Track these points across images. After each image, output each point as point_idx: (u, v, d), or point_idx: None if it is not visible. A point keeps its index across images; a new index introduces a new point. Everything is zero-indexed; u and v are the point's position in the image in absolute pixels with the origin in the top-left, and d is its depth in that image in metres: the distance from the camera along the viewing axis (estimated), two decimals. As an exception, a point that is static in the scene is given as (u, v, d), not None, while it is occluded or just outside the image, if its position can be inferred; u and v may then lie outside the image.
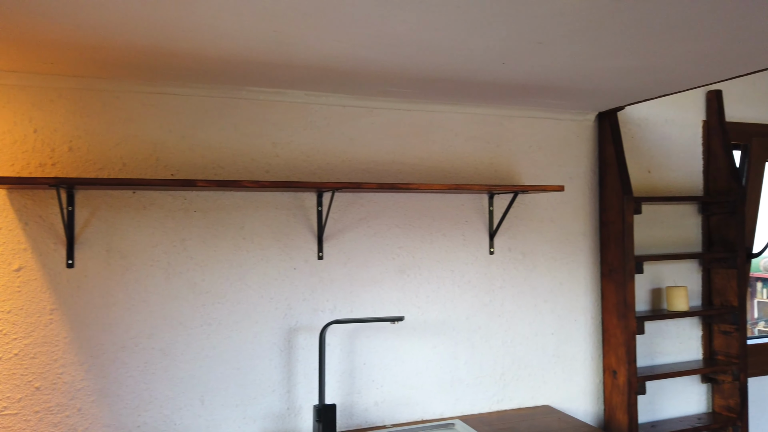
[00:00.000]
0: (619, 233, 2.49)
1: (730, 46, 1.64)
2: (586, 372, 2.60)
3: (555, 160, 2.56)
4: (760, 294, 6.15)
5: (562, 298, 2.57)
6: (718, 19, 1.42)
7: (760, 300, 6.14)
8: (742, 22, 1.44)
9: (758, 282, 6.04)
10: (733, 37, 1.56)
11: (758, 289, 6.14)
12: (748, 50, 1.69)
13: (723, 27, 1.48)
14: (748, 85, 2.89)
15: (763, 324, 5.98)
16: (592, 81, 2.02)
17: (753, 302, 6.21)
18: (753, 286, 6.10)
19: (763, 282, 6.00)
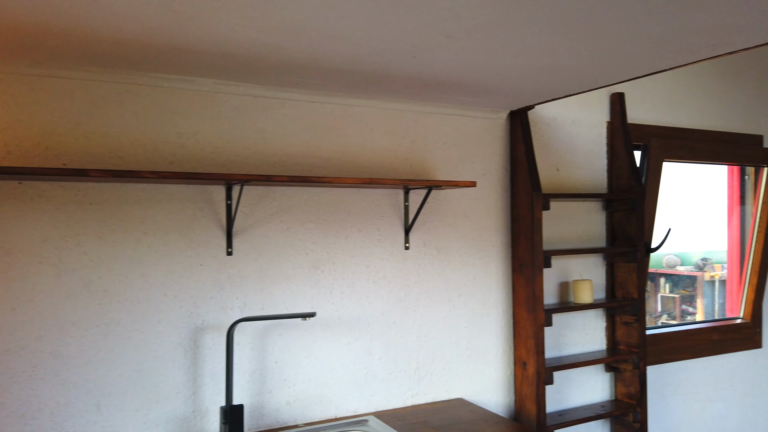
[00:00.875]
0: (529, 229, 2.56)
1: (626, 48, 1.72)
2: (498, 364, 2.66)
3: (468, 157, 2.60)
4: (664, 289, 6.56)
5: (475, 293, 2.61)
6: (615, 20, 1.47)
7: (664, 294, 6.56)
8: (637, 25, 1.51)
9: (661, 277, 6.45)
10: (629, 39, 1.63)
11: (661, 284, 6.56)
12: (645, 52, 1.77)
13: (619, 29, 1.54)
14: (648, 89, 3.06)
15: (666, 317, 6.38)
16: (501, 79, 2.06)
17: (657, 296, 6.63)
18: (656, 281, 6.50)
19: (666, 277, 6.41)
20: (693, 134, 3.15)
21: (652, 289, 6.66)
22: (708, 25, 1.52)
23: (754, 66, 3.42)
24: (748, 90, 3.41)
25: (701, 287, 4.92)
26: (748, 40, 1.64)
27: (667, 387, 3.15)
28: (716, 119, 3.28)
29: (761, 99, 3.45)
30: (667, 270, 6.30)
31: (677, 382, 3.18)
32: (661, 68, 1.93)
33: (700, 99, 3.23)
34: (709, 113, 3.26)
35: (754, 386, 3.46)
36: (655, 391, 3.11)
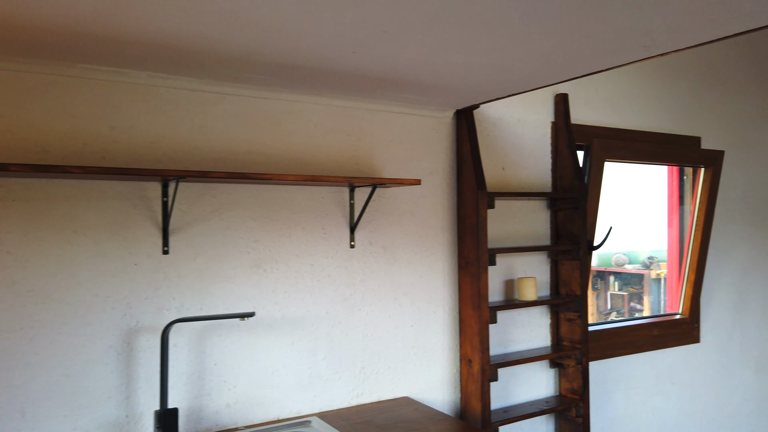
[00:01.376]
0: (474, 227, 2.58)
1: (565, 48, 1.74)
2: (444, 362, 2.67)
3: (415, 155, 2.60)
4: (613, 287, 6.75)
5: (421, 291, 2.61)
6: (552, 19, 1.49)
7: (613, 292, 6.75)
8: (573, 24, 1.53)
9: (611, 275, 6.63)
10: (566, 39, 1.66)
11: (611, 282, 6.74)
12: (583, 52, 1.80)
13: (556, 28, 1.56)
14: (591, 91, 3.13)
15: (615, 314, 6.56)
16: (443, 77, 2.06)
17: (607, 294, 6.81)
18: (606, 279, 6.68)
19: (615, 275, 6.60)
20: (634, 135, 3.24)
21: (602, 287, 6.85)
22: (640, 26, 1.56)
23: (692, 69, 3.55)
24: (686, 93, 3.53)
25: (648, 285, 5.08)
26: (678, 42, 1.69)
27: (609, 381, 3.23)
28: (657, 121, 3.38)
29: (699, 101, 3.58)
30: (615, 268, 6.49)
31: (619, 377, 3.27)
32: (599, 68, 1.97)
33: (641, 101, 3.33)
34: (650, 115, 3.36)
35: (692, 379, 3.58)
36: (598, 385, 3.18)
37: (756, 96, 3.85)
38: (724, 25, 1.56)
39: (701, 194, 3.43)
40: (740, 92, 3.78)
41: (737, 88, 3.76)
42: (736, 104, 3.76)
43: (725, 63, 3.70)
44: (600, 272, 6.73)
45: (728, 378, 3.76)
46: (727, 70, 3.71)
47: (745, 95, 3.80)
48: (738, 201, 3.77)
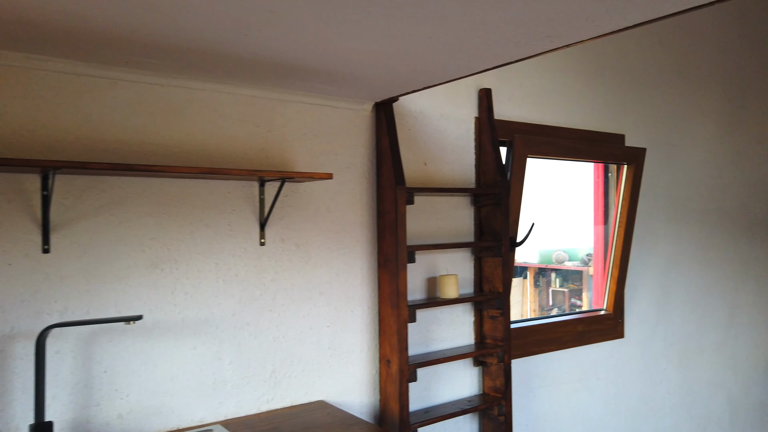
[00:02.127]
0: (393, 223, 2.50)
1: (468, 38, 1.68)
2: (363, 363, 2.58)
3: (331, 149, 2.50)
4: (554, 283, 6.86)
5: (338, 290, 2.51)
6: (447, 6, 1.41)
7: (555, 289, 6.85)
8: (470, 12, 1.46)
9: (552, 272, 6.73)
10: (467, 28, 1.59)
11: (552, 278, 6.85)
12: (486, 43, 1.74)
13: (454, 16, 1.49)
14: (516, 86, 3.11)
15: (556, 310, 6.67)
16: (351, 66, 1.97)
17: (549, 291, 6.91)
18: (548, 275, 6.78)
19: (556, 272, 6.70)
20: (558, 132, 3.24)
21: (544, 283, 6.94)
22: (537, 15, 1.50)
23: (616, 68, 3.58)
24: (611, 91, 3.56)
25: (586, 281, 5.14)
26: (580, 33, 1.64)
27: (534, 379, 3.22)
28: (582, 118, 3.40)
29: (623, 100, 3.62)
30: (556, 265, 6.59)
31: (544, 374, 3.26)
32: (506, 60, 1.92)
33: (567, 97, 3.33)
34: (575, 111, 3.37)
35: (617, 375, 3.62)
36: (523, 383, 3.16)
37: (677, 96, 3.94)
38: (623, 15, 1.52)
39: (624, 191, 3.47)
40: (663, 92, 3.85)
41: (660, 87, 3.83)
42: (659, 103, 3.83)
43: (648, 63, 3.76)
44: (542, 269, 6.83)
45: (652, 372, 3.83)
46: (650, 69, 3.77)
47: (667, 95, 3.87)
48: (661, 198, 3.84)
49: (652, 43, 3.77)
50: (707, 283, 4.18)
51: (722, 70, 4.25)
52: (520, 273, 6.97)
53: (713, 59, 4.17)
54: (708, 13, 4.12)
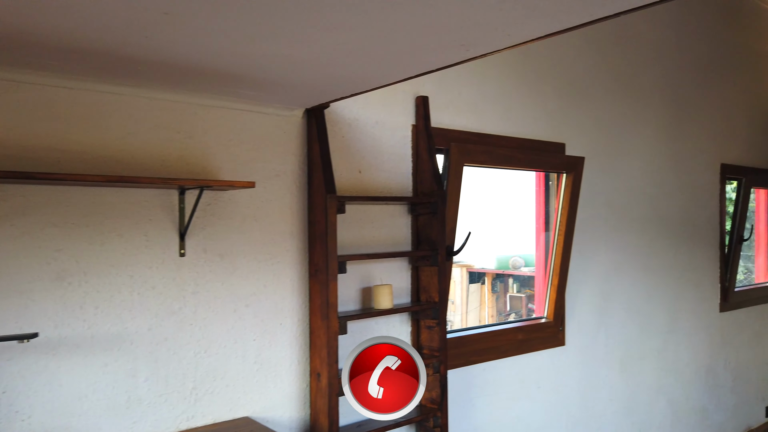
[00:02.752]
0: (323, 233, 2.44)
1: (381, 45, 1.63)
2: (292, 377, 2.50)
3: (259, 156, 2.42)
4: (512, 289, 6.90)
5: (266, 302, 2.43)
6: (353, 10, 1.36)
7: (512, 294, 6.90)
8: (380, 18, 1.42)
9: (509, 278, 6.77)
10: (377, 35, 1.55)
11: (510, 284, 6.89)
12: (405, 50, 1.70)
13: (362, 20, 1.44)
14: (455, 94, 3.09)
15: (514, 315, 6.71)
16: (265, 70, 1.90)
17: (506, 296, 6.95)
18: (505, 281, 6.82)
19: (514, 278, 6.74)
20: (498, 140, 3.23)
21: (501, 289, 6.97)
22: (448, 23, 1.47)
23: (558, 77, 3.61)
24: (552, 99, 3.58)
25: (540, 287, 5.14)
26: (494, 42, 1.62)
27: (473, 389, 3.19)
28: (522, 126, 3.40)
29: (564, 109, 3.65)
30: (513, 271, 6.62)
31: (483, 383, 3.24)
32: (422, 70, 1.89)
33: (507, 106, 3.33)
34: (515, 120, 3.38)
35: (557, 383, 3.63)
36: (461, 393, 3.13)
37: (618, 105, 4.00)
38: (533, 26, 1.50)
39: (563, 199, 3.49)
40: (603, 101, 3.90)
41: (600, 97, 3.88)
42: (600, 113, 3.88)
43: (589, 72, 3.80)
44: (499, 275, 6.87)
45: (593, 379, 3.85)
46: (591, 79, 3.82)
47: (607, 104, 3.93)
48: (602, 206, 3.89)
49: (592, 53, 3.82)
50: (648, 290, 4.24)
51: (661, 82, 4.34)
52: (478, 279, 7.01)
53: (652, 71, 4.26)
54: (647, 25, 4.20)
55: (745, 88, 5.21)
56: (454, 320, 6.97)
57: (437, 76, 2.99)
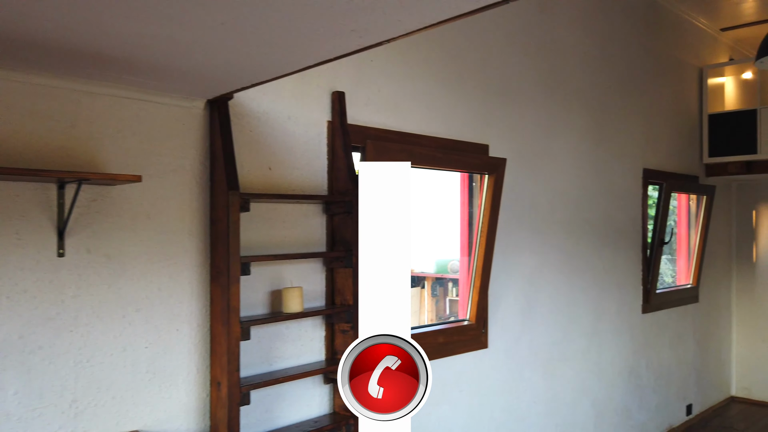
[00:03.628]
0: (225, 232, 2.29)
1: (273, 29, 1.52)
2: (191, 387, 2.34)
3: (154, 149, 2.25)
4: (451, 293, 6.89)
5: (160, 306, 2.26)
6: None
7: (451, 298, 6.88)
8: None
9: (449, 282, 6.76)
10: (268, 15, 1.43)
11: (449, 288, 6.88)
12: (296, 38, 1.59)
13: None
14: (374, 91, 3.00)
15: (453, 318, 6.69)
16: (155, 53, 1.75)
17: (446, 300, 6.93)
18: (445, 285, 6.80)
19: (453, 282, 6.72)
20: (419, 139, 3.17)
21: (441, 293, 6.95)
22: (335, 7, 1.37)
23: (481, 77, 3.58)
24: (475, 100, 3.55)
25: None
26: (387, 30, 1.53)
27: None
28: (444, 127, 3.35)
29: (488, 110, 3.62)
30: (452, 275, 6.60)
31: (403, 389, 3.15)
32: (321, 59, 1.79)
33: (428, 105, 3.27)
34: (437, 120, 3.32)
35: (480, 386, 3.59)
36: (379, 399, 3.03)
37: (542, 108, 4.02)
38: (424, 12, 1.42)
39: (486, 201, 3.46)
40: (528, 103, 3.91)
41: (525, 99, 3.89)
42: (524, 115, 3.88)
43: (513, 74, 3.80)
44: (439, 278, 6.85)
45: (517, 381, 3.84)
46: (515, 81, 3.82)
47: (532, 107, 3.94)
48: (526, 208, 3.89)
49: (518, 56, 3.82)
50: (572, 292, 4.28)
51: (586, 87, 4.40)
52: (418, 283, 6.98)
53: (577, 76, 4.31)
54: (572, 31, 4.25)
55: (667, 96, 5.38)
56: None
57: (355, 71, 2.90)
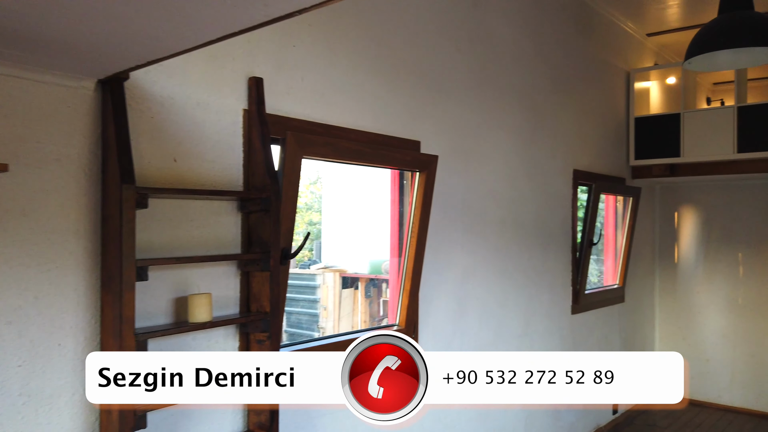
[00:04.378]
0: (117, 231, 2.00)
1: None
2: (76, 410, 2.03)
3: (31, 135, 1.93)
4: (385, 293, 6.73)
5: (38, 317, 1.94)
6: None
7: (385, 299, 6.72)
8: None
9: (383, 282, 6.59)
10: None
11: (383, 288, 6.71)
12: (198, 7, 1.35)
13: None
14: (297, 80, 2.77)
15: (386, 320, 6.52)
16: (24, 20, 1.45)
17: (380, 301, 6.77)
18: (379, 286, 6.63)
19: (386, 283, 6.56)
20: (346, 133, 2.96)
21: (375, 294, 6.77)
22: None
23: (414, 71, 3.42)
24: (407, 95, 3.38)
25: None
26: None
27: (311, 409, 2.87)
28: (374, 121, 3.16)
29: (420, 105, 3.47)
30: (385, 276, 6.43)
31: (326, 400, 2.93)
32: (228, 31, 1.55)
33: (357, 98, 3.07)
34: (366, 114, 3.12)
35: (410, 393, 3.42)
36: (300, 412, 2.80)
37: (475, 106, 3.90)
38: None
39: (416, 199, 3.30)
40: (461, 101, 3.78)
41: (458, 96, 3.76)
42: (457, 112, 3.75)
43: (446, 69, 3.66)
44: (372, 279, 6.68)
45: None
46: (449, 77, 3.68)
47: (465, 104, 3.82)
48: (458, 208, 3.76)
49: (450, 48, 3.68)
50: (504, 293, 4.20)
51: (519, 86, 4.34)
52: (352, 284, 6.79)
53: (510, 72, 4.24)
54: (505, 29, 4.17)
55: (596, 98, 5.43)
56: (326, 327, 6.72)
57: (275, 56, 2.66)
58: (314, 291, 7.10)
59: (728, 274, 6.22)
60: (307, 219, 7.74)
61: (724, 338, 6.18)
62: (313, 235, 7.22)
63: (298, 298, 7.03)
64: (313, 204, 7.80)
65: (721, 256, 6.26)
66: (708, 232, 6.35)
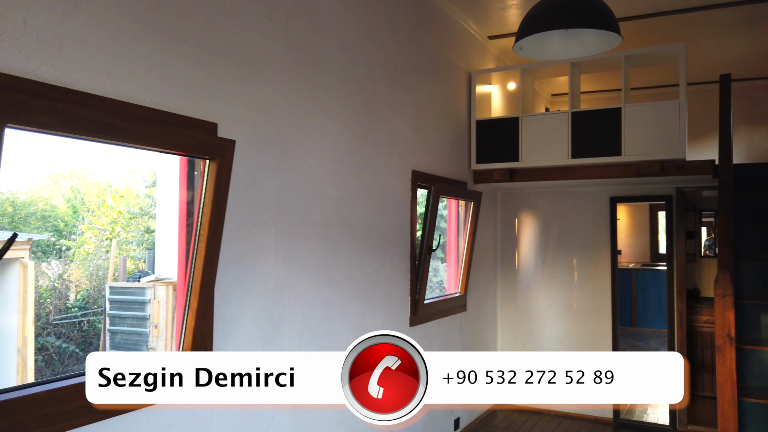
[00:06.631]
0: None
1: None
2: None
3: None
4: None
5: None
6: None
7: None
8: None
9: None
10: None
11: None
12: None
13: None
14: (16, 21, 1.99)
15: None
16: None
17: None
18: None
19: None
20: (101, 103, 2.22)
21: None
22: None
23: (209, 38, 2.76)
24: (201, 66, 2.72)
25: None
26: None
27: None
28: (147, 92, 2.45)
29: (217, 80, 2.81)
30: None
31: None
32: None
33: (120, 60, 2.35)
34: (138, 83, 2.41)
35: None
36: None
37: (294, 90, 3.34)
38: None
39: (206, 195, 2.63)
40: (276, 81, 3.19)
41: (272, 74, 3.16)
42: (271, 94, 3.15)
43: (256, 42, 3.05)
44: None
45: (254, 420, 3.06)
46: (259, 51, 3.07)
47: (282, 86, 3.23)
48: (272, 208, 3.16)
49: (260, 18, 3.08)
50: (330, 308, 3.66)
51: (349, 73, 3.85)
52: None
53: (337, 56, 3.74)
54: (331, 7, 3.67)
55: (438, 97, 5.14)
56: (157, 347, 5.78)
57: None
58: (143, 307, 6.16)
59: (564, 279, 6.28)
60: (144, 226, 6.78)
61: (560, 344, 6.21)
62: (147, 244, 6.33)
63: (124, 315, 6.07)
64: (150, 209, 6.85)
65: (558, 261, 6.32)
66: (546, 239, 6.39)
